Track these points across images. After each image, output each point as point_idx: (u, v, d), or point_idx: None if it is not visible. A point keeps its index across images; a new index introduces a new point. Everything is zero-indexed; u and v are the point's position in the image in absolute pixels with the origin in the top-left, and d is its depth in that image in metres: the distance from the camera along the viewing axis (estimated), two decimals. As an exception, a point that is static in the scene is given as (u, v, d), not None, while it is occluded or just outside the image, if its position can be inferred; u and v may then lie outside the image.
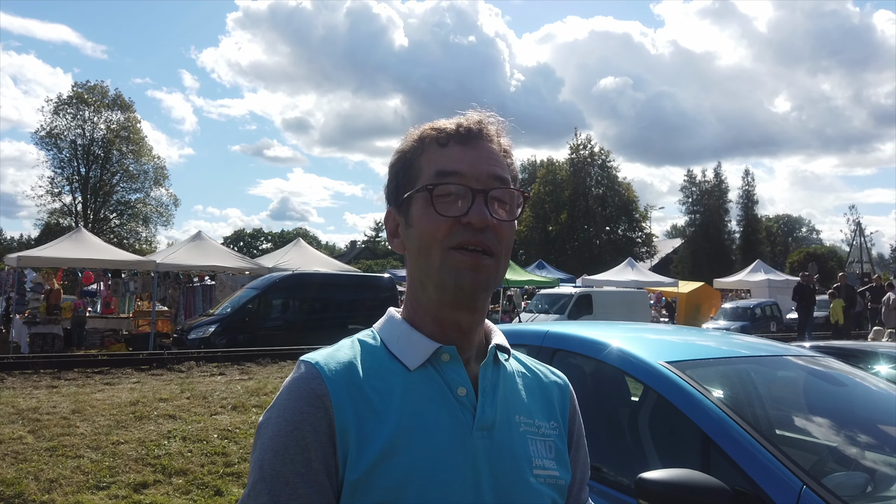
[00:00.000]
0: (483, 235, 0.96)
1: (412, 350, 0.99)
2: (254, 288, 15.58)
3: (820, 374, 2.88)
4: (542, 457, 1.01)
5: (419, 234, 0.99)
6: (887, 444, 2.54)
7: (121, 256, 17.81)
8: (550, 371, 1.15)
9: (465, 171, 0.98)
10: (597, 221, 52.51)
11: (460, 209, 0.96)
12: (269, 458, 0.91)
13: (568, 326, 3.34)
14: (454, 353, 0.99)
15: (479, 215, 0.95)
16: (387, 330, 1.04)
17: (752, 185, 58.81)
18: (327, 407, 0.91)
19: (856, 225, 51.78)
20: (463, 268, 0.95)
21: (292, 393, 0.93)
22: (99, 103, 45.10)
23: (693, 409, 2.20)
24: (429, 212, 0.98)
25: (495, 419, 0.98)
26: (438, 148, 1.01)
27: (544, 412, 1.07)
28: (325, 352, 0.99)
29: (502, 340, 1.06)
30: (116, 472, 5.45)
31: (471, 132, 1.01)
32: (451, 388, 0.98)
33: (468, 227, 0.96)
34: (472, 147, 1.01)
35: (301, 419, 0.91)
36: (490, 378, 1.02)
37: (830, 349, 4.58)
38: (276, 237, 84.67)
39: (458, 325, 1.00)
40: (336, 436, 0.91)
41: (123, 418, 6.98)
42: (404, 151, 1.05)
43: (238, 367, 11.30)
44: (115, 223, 48.09)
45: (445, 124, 1.03)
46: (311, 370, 0.95)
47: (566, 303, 19.37)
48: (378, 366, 0.98)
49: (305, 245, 22.36)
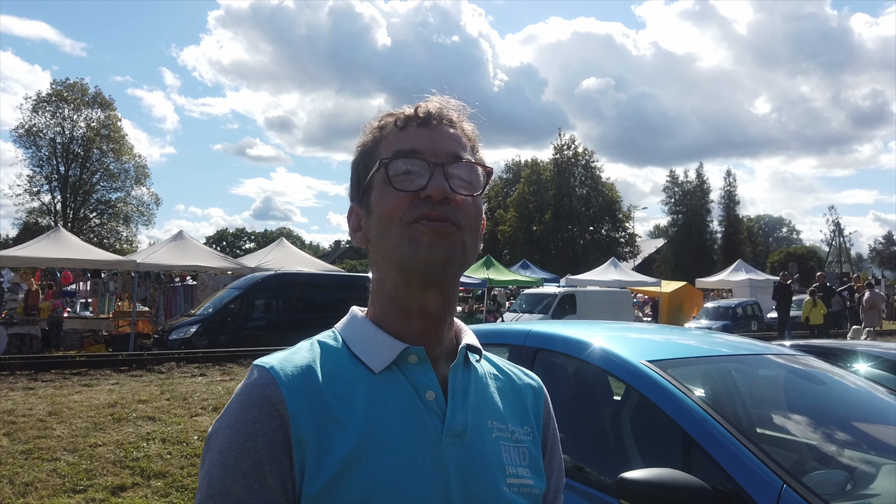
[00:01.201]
0: (444, 209, 0.91)
1: (376, 351, 0.93)
2: (236, 288, 15.45)
3: (800, 372, 2.89)
4: (515, 464, 0.96)
5: (379, 216, 0.94)
6: (866, 443, 2.56)
7: (100, 256, 17.60)
8: (524, 373, 1.09)
9: (422, 149, 0.94)
10: (581, 221, 52.70)
11: (419, 184, 0.92)
12: (219, 473, 0.83)
13: (550, 326, 3.33)
14: (422, 354, 0.93)
15: (438, 185, 0.91)
16: (349, 330, 0.98)
17: (733, 185, 59.48)
18: (282, 415, 0.84)
19: (835, 225, 52.53)
20: (424, 239, 0.90)
21: (244, 401, 0.86)
22: (78, 101, 44.51)
23: (674, 409, 2.19)
24: (388, 191, 0.94)
25: (466, 424, 0.93)
26: (397, 131, 0.98)
27: (518, 417, 1.01)
28: (282, 355, 0.92)
29: (473, 340, 1.01)
30: (94, 474, 5.36)
31: (430, 115, 0.98)
32: (418, 392, 0.92)
33: (428, 201, 0.91)
34: (431, 128, 0.97)
35: (254, 429, 0.84)
36: (460, 380, 0.96)
37: (810, 348, 4.62)
38: (259, 237, 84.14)
39: (426, 311, 0.94)
40: (292, 447, 0.84)
41: (101, 420, 6.87)
42: (364, 144, 1.02)
43: (219, 368, 11.19)
44: (95, 223, 47.51)
45: (404, 109, 1.00)
46: (265, 375, 0.87)
47: (550, 302, 19.43)
48: (339, 369, 0.92)
49: (289, 245, 22.24)
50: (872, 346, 5.09)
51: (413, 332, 0.95)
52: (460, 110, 1.02)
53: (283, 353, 0.94)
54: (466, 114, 1.03)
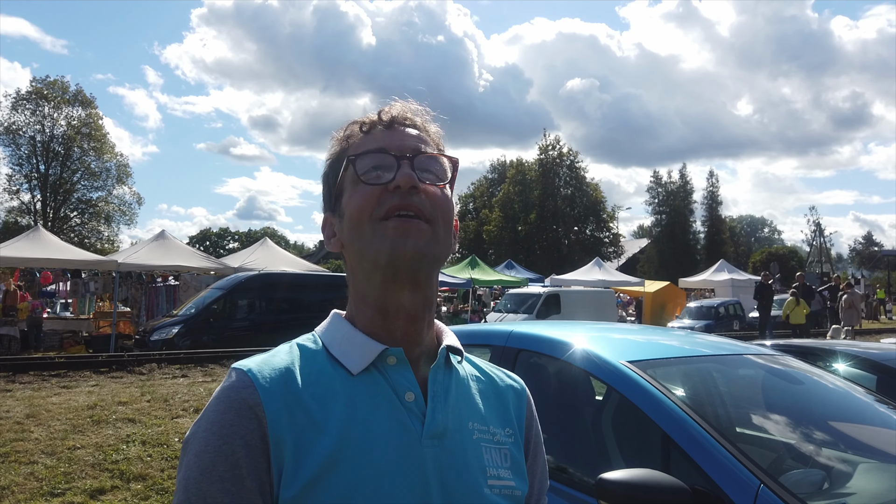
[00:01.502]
0: (413, 199, 0.92)
1: (355, 353, 0.93)
2: (219, 288, 15.33)
3: (779, 372, 2.91)
4: (496, 466, 0.95)
5: (349, 216, 0.95)
6: (843, 442, 2.58)
7: (81, 256, 17.38)
8: (506, 375, 1.09)
9: (388, 146, 0.96)
10: (565, 221, 52.92)
11: (387, 178, 0.93)
12: (195, 477, 0.83)
13: (532, 326, 3.33)
14: (401, 355, 0.93)
15: (405, 175, 0.92)
16: (329, 332, 0.98)
17: (716, 186, 60.08)
18: (260, 418, 0.84)
19: (815, 226, 53.18)
20: (395, 234, 0.91)
21: (221, 404, 0.86)
22: (59, 99, 43.94)
23: (654, 409, 2.20)
24: (357, 188, 0.95)
25: (446, 426, 0.92)
26: (363, 136, 1.00)
27: (499, 419, 1.01)
28: (260, 358, 0.92)
29: (454, 342, 1.01)
30: (72, 478, 5.29)
31: (393, 119, 1.00)
32: (397, 394, 0.91)
33: (396, 193, 0.92)
34: (395, 130, 0.99)
35: (231, 433, 0.83)
36: (441, 382, 0.96)
37: (790, 347, 4.66)
38: (243, 237, 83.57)
39: (403, 309, 0.94)
40: (270, 449, 0.84)
41: (80, 422, 6.78)
42: (332, 154, 1.04)
43: (201, 369, 11.09)
44: (76, 222, 46.93)
45: (369, 115, 1.02)
46: (243, 378, 0.87)
47: (534, 302, 19.48)
48: (318, 371, 0.91)
49: (272, 245, 22.11)
50: (851, 345, 5.15)
51: (391, 333, 0.94)
52: (423, 114, 1.04)
53: (261, 355, 0.93)
54: (430, 116, 1.05)
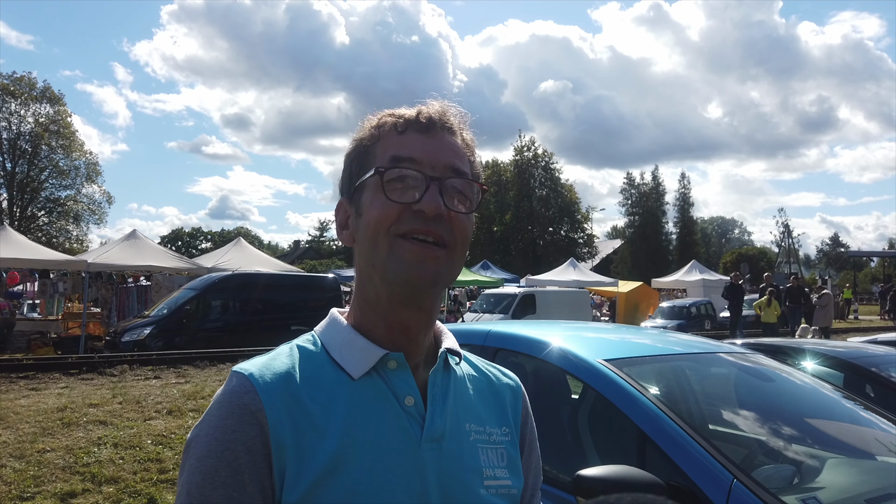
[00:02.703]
0: (435, 225, 0.90)
1: (356, 357, 0.93)
2: (192, 289, 15.12)
3: (750, 370, 2.98)
4: (493, 466, 0.97)
5: (367, 222, 0.93)
6: (812, 438, 2.65)
7: (49, 256, 17.00)
8: (502, 373, 1.10)
9: (421, 159, 0.93)
10: (540, 222, 53.24)
11: (412, 196, 0.91)
12: (198, 482, 0.83)
13: (510, 326, 3.36)
14: (402, 360, 0.93)
15: (432, 202, 0.90)
16: (329, 334, 0.97)
17: (687, 187, 60.96)
18: (262, 423, 0.84)
19: (784, 227, 54.20)
20: (411, 258, 0.89)
21: (223, 408, 0.86)
22: (26, 95, 42.94)
23: (629, 406, 2.24)
24: (379, 197, 0.92)
25: (445, 429, 0.93)
26: (396, 135, 0.95)
27: (496, 418, 1.02)
28: (261, 361, 0.91)
29: (453, 344, 1.01)
30: (42, 481, 5.19)
31: (431, 121, 0.96)
32: (398, 398, 0.92)
33: (419, 215, 0.90)
34: (431, 136, 0.95)
35: (233, 438, 0.83)
36: (440, 385, 0.96)
37: (760, 346, 4.76)
38: (216, 236, 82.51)
39: (406, 328, 0.94)
40: (272, 454, 0.84)
41: (50, 425, 6.65)
42: (361, 140, 0.99)
43: (174, 371, 10.94)
44: (44, 221, 45.91)
45: (405, 111, 0.98)
46: (244, 383, 0.87)
47: (510, 303, 19.57)
48: (319, 375, 0.91)
49: (246, 244, 21.88)
50: (819, 344, 5.27)
51: (393, 341, 0.95)
52: (461, 117, 1.00)
53: (262, 358, 0.93)
54: (467, 121, 1.02)
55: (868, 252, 64.56)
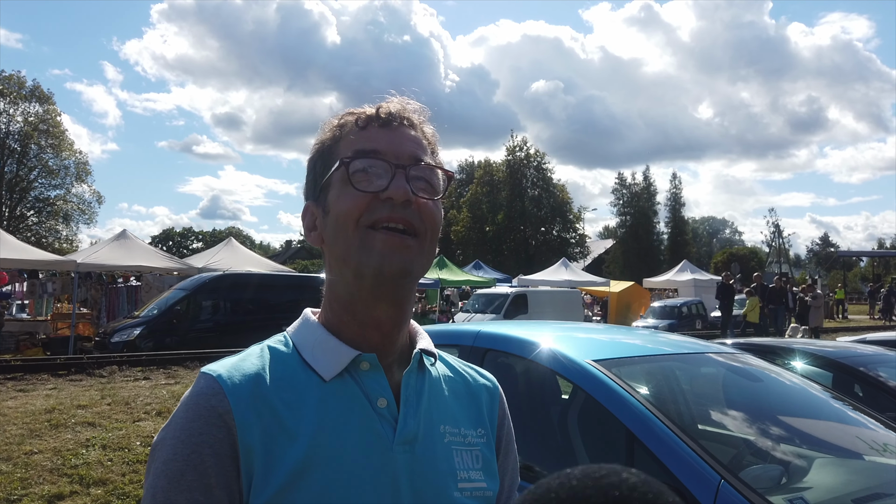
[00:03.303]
0: (404, 211, 0.91)
1: (328, 358, 0.92)
2: (182, 289, 15.04)
3: (739, 370, 2.98)
4: (467, 468, 0.96)
5: (336, 216, 0.93)
6: (800, 438, 2.66)
7: (38, 256, 16.86)
8: (479, 374, 1.09)
9: (384, 150, 0.94)
10: (532, 222, 53.28)
11: (379, 185, 0.91)
12: (163, 486, 0.82)
13: (499, 326, 3.35)
14: (374, 361, 0.92)
15: (399, 188, 0.90)
16: (301, 335, 0.96)
17: (679, 188, 61.20)
18: (229, 426, 0.83)
19: (774, 227, 54.46)
20: (383, 249, 0.89)
21: (190, 411, 0.85)
22: (15, 94, 42.58)
23: (618, 407, 2.24)
24: (346, 190, 0.92)
25: (418, 431, 0.92)
26: (357, 131, 0.96)
27: (471, 419, 1.01)
28: (230, 362, 0.90)
29: (428, 345, 1.01)
30: (29, 483, 5.15)
31: (391, 115, 0.97)
32: (370, 400, 0.91)
33: (387, 203, 0.90)
34: (392, 129, 0.96)
35: (199, 441, 0.82)
36: (414, 386, 0.96)
37: (750, 346, 4.78)
38: (207, 236, 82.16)
39: (379, 323, 0.94)
40: (240, 457, 0.83)
41: (38, 427, 6.61)
42: (322, 141, 1.00)
43: (164, 371, 10.88)
44: (33, 221, 45.56)
45: (365, 108, 0.99)
46: (212, 384, 0.86)
47: (502, 302, 19.57)
48: (289, 376, 0.90)
49: (237, 244, 21.77)
50: (808, 344, 5.30)
51: (366, 339, 0.94)
52: (421, 112, 1.02)
53: (231, 359, 0.91)
54: (427, 116, 1.03)
55: (857, 252, 65.03)
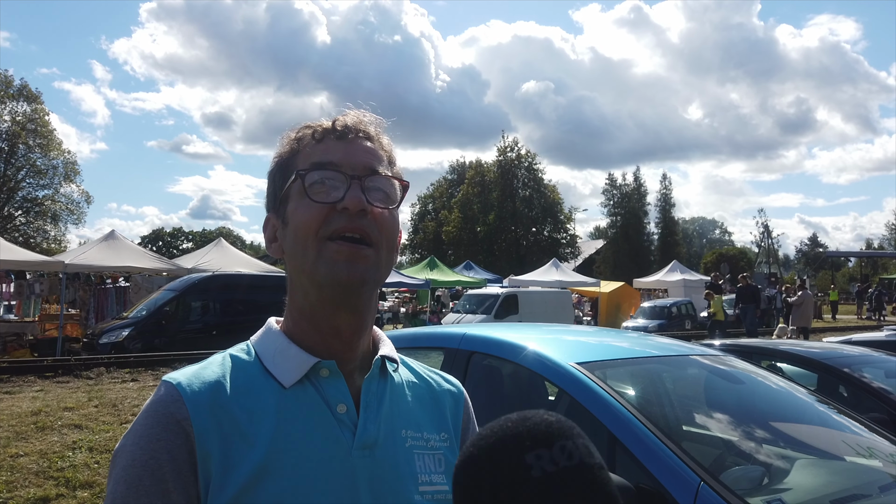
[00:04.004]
0: (361, 222, 0.93)
1: (287, 365, 0.94)
2: (171, 290, 14.96)
3: (722, 372, 3.00)
4: (429, 472, 0.97)
5: (294, 228, 0.95)
6: (782, 439, 2.68)
7: (26, 257, 16.73)
8: (444, 379, 1.11)
9: (340, 161, 0.96)
10: (523, 223, 53.37)
11: (336, 197, 0.93)
12: (122, 492, 0.83)
13: (486, 329, 3.36)
14: (333, 367, 0.94)
15: (355, 198, 0.92)
16: (263, 343, 0.98)
17: (669, 188, 61.54)
18: (187, 432, 0.85)
19: (764, 227, 54.80)
20: (339, 259, 0.91)
21: (149, 418, 0.86)
22: (3, 94, 42.25)
23: (600, 409, 2.25)
24: (303, 202, 0.94)
25: (378, 436, 0.94)
26: (314, 143, 0.99)
27: (434, 423, 1.03)
28: (191, 370, 0.92)
29: (390, 351, 1.03)
30: (14, 486, 5.12)
31: (347, 128, 0.99)
32: (329, 406, 0.92)
33: (344, 214, 0.92)
34: (348, 142, 0.99)
35: (157, 447, 0.84)
36: (374, 392, 0.97)
37: (736, 347, 4.81)
38: (197, 236, 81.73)
39: (339, 331, 0.96)
40: (197, 463, 0.84)
41: (24, 429, 6.56)
42: (281, 154, 1.02)
43: (152, 373, 10.83)
44: (21, 221, 45.21)
45: (321, 122, 1.02)
46: (171, 392, 0.88)
47: (493, 303, 19.59)
48: (249, 383, 0.92)
49: (227, 245, 21.67)
50: (794, 345, 5.34)
51: (326, 347, 0.96)
52: (377, 124, 1.04)
53: (192, 367, 0.93)
54: (383, 127, 1.05)
55: (846, 252, 65.61)
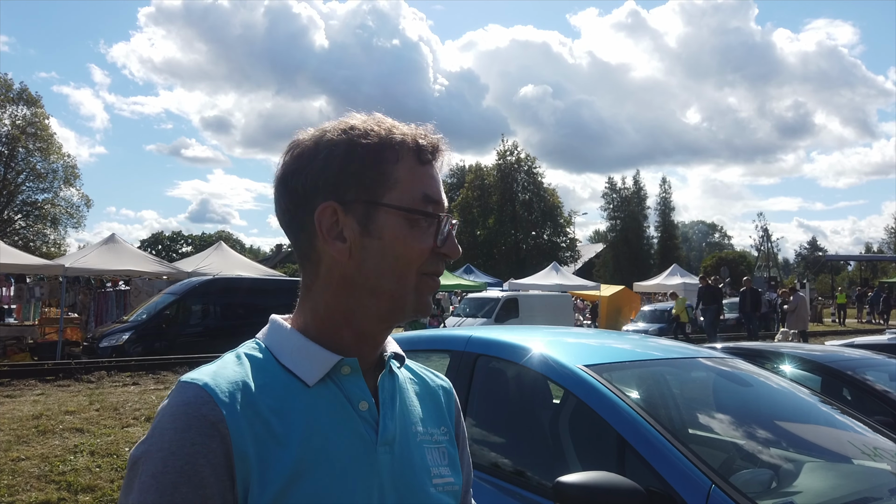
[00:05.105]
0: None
1: (309, 363, 0.92)
2: (171, 293, 14.94)
3: (728, 374, 3.00)
4: (438, 465, 1.00)
5: (395, 256, 0.92)
6: (790, 442, 2.67)
7: (25, 260, 16.71)
8: (435, 375, 1.13)
9: (440, 200, 0.97)
10: (523, 226, 53.40)
11: (431, 235, 0.95)
12: (154, 501, 0.78)
13: (491, 331, 3.35)
14: (355, 365, 0.94)
15: (455, 250, 0.97)
16: (276, 341, 0.95)
17: (668, 192, 61.54)
18: (223, 435, 0.81)
19: (763, 231, 54.79)
20: (428, 292, 0.97)
21: (178, 421, 0.81)
22: (3, 97, 42.28)
23: (609, 412, 2.24)
24: (413, 233, 0.93)
25: (396, 432, 0.95)
26: (418, 165, 0.95)
27: (435, 418, 1.06)
28: (210, 370, 0.88)
29: (397, 348, 1.04)
30: (16, 490, 5.10)
31: (436, 151, 0.98)
32: (352, 403, 0.92)
33: (442, 258, 0.96)
34: (438, 170, 0.99)
35: (194, 451, 0.79)
36: (388, 389, 0.99)
37: (739, 350, 4.81)
38: (196, 240, 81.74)
39: (377, 339, 0.98)
40: (234, 467, 0.81)
41: (25, 433, 6.54)
42: (368, 145, 0.92)
43: (153, 377, 10.81)
44: (21, 225, 45.19)
45: (422, 138, 0.96)
46: (200, 393, 0.83)
47: (493, 306, 19.60)
48: (272, 382, 0.89)
49: (227, 248, 21.67)
50: (797, 348, 5.33)
51: (348, 346, 0.95)
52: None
53: (210, 367, 0.89)
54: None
55: (845, 256, 65.59)
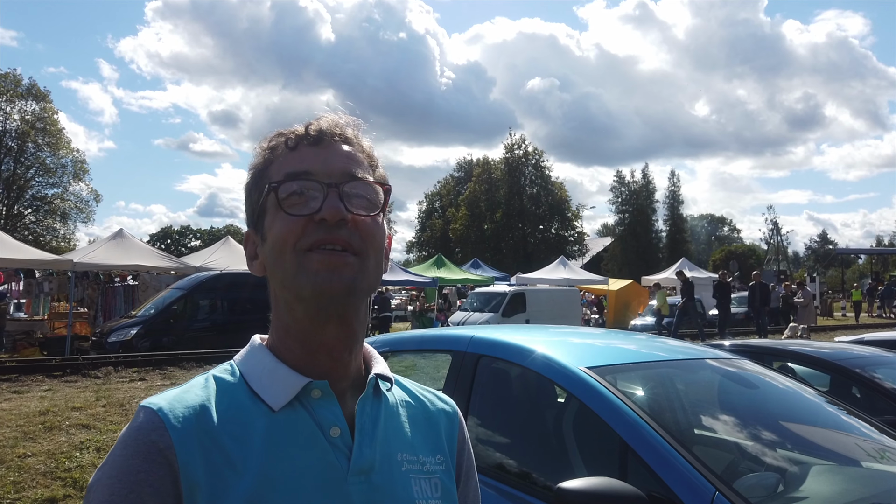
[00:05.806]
0: (340, 232, 0.87)
1: (276, 387, 0.88)
2: (179, 288, 15.00)
3: (734, 376, 2.95)
4: (426, 497, 0.92)
5: (272, 243, 0.90)
6: (797, 444, 2.63)
7: (35, 255, 16.82)
8: (438, 398, 1.05)
9: (315, 170, 0.90)
10: (531, 220, 53.30)
11: (313, 207, 0.88)
12: None
13: (493, 331, 3.31)
14: (326, 388, 0.88)
15: (332, 208, 0.87)
16: (248, 363, 0.92)
17: (677, 185, 61.35)
18: (171, 462, 0.78)
19: (773, 224, 54.47)
20: (321, 269, 0.85)
21: (128, 447, 0.79)
22: (12, 92, 42.52)
23: (611, 415, 2.20)
24: (279, 215, 0.89)
25: (374, 460, 0.89)
26: (288, 152, 0.93)
27: (430, 446, 0.98)
28: (171, 394, 0.86)
29: (384, 369, 0.98)
30: (22, 487, 5.12)
31: (322, 133, 0.93)
32: (322, 429, 0.87)
33: (322, 225, 0.87)
34: (324, 147, 0.93)
35: (138, 479, 0.77)
36: (369, 413, 0.92)
37: (747, 348, 4.76)
38: (205, 234, 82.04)
39: (328, 347, 0.90)
40: (182, 496, 0.78)
41: (31, 429, 6.57)
42: (255, 166, 0.96)
43: (160, 372, 10.84)
44: (30, 220, 45.56)
45: (295, 128, 0.95)
46: (152, 418, 0.81)
47: (500, 301, 19.55)
48: (236, 407, 0.86)
49: (235, 243, 21.69)
50: (805, 345, 5.27)
51: (316, 366, 0.90)
52: (355, 125, 0.98)
53: (173, 391, 0.87)
54: (362, 129, 0.99)
55: (856, 249, 65.11)
